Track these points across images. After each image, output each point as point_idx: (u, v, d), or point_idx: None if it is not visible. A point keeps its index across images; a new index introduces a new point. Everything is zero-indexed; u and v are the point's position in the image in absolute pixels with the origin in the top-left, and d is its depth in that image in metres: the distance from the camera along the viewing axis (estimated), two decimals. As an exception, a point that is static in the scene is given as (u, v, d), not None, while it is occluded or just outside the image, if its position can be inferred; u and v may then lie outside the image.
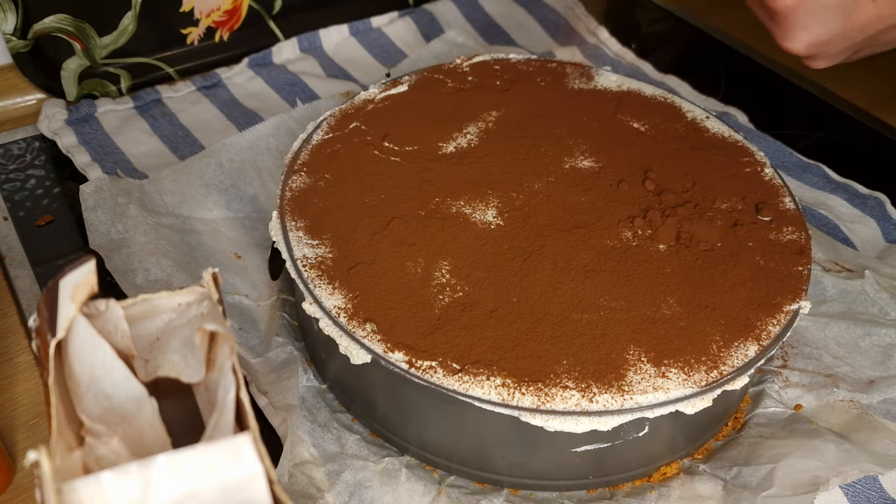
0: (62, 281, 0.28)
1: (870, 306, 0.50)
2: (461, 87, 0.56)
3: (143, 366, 0.30)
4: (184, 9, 0.66)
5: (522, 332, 0.40)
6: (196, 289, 0.31)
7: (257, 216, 0.55)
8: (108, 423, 0.28)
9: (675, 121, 0.54)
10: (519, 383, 0.38)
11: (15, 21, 0.60)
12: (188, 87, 0.66)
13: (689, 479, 0.42)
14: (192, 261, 0.51)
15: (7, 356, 0.47)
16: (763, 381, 0.47)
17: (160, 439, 0.28)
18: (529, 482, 0.42)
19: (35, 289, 0.51)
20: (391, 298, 0.41)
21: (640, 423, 0.39)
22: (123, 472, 0.23)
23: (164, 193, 0.55)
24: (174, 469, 0.23)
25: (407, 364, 0.38)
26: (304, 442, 0.42)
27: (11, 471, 0.42)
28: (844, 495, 0.42)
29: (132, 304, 0.31)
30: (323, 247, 0.44)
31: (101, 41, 0.64)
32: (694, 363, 0.39)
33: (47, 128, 0.61)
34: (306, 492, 0.40)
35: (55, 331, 0.27)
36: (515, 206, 0.47)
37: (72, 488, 0.23)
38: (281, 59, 0.70)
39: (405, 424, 0.42)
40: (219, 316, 0.30)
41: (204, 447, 0.24)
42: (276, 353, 0.46)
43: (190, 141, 0.62)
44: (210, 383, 0.30)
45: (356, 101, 0.54)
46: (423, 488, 0.41)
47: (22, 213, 0.56)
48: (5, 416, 0.44)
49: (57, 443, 0.25)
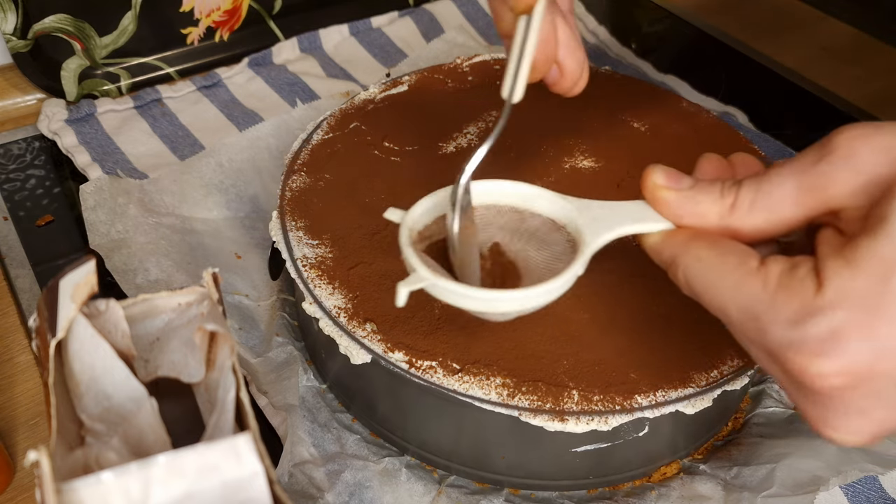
0: (62, 281, 0.28)
1: (870, 306, 0.50)
2: (461, 87, 0.56)
3: (143, 366, 0.30)
4: (184, 9, 0.66)
5: (522, 332, 0.40)
6: (196, 289, 0.31)
7: (257, 216, 0.55)
8: (108, 423, 0.28)
9: (675, 121, 0.54)
10: (519, 383, 0.38)
11: (15, 21, 0.60)
12: (188, 87, 0.66)
13: (689, 479, 0.42)
14: (192, 261, 0.51)
15: (7, 356, 0.47)
16: (763, 380, 0.47)
17: (160, 439, 0.28)
18: (529, 482, 0.42)
19: (35, 289, 0.51)
20: (391, 298, 0.41)
21: (640, 423, 0.39)
22: (123, 472, 0.23)
23: (164, 193, 0.55)
24: (174, 469, 0.23)
25: (407, 364, 0.38)
26: (304, 442, 0.42)
27: (11, 471, 0.42)
28: (844, 495, 0.42)
29: (132, 304, 0.31)
30: (323, 247, 0.44)
31: (101, 41, 0.64)
32: (694, 363, 0.39)
33: (47, 128, 0.61)
34: (306, 492, 0.40)
35: (55, 331, 0.27)
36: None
37: (72, 488, 0.23)
38: (281, 59, 0.70)
39: (405, 424, 0.42)
40: (219, 316, 0.30)
41: (204, 447, 0.24)
42: (276, 353, 0.46)
43: (190, 141, 0.62)
44: (210, 383, 0.30)
45: (356, 101, 0.54)
46: (423, 488, 0.41)
47: (22, 213, 0.56)
48: (5, 416, 0.44)
49: (57, 443, 0.25)
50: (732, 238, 0.31)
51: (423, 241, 0.35)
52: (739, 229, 0.31)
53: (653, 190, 0.33)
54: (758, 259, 0.30)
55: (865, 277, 0.27)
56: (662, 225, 0.33)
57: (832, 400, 0.29)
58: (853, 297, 0.27)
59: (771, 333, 0.29)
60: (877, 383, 0.28)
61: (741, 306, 0.30)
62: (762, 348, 0.30)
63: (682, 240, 0.32)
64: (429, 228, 0.35)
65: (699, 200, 0.32)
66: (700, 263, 0.31)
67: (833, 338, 0.27)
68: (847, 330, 0.27)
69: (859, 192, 0.29)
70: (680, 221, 0.33)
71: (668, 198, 0.32)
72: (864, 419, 0.29)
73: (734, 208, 0.31)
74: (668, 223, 0.33)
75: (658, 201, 0.33)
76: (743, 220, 0.31)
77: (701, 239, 0.32)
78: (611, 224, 0.34)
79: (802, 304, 0.28)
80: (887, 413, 0.29)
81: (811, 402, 0.30)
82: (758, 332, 0.29)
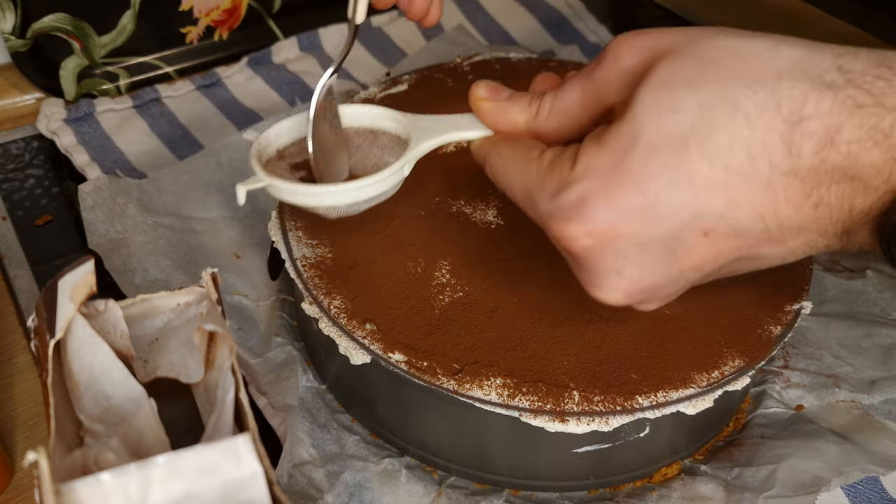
0: (61, 281, 0.28)
1: (871, 306, 0.50)
2: (461, 87, 0.56)
3: (143, 366, 0.30)
4: (183, 8, 0.66)
5: (522, 333, 0.40)
6: (195, 289, 0.31)
7: (257, 216, 0.55)
8: (107, 424, 0.28)
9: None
10: (519, 384, 0.38)
11: (14, 20, 0.60)
12: (187, 87, 0.66)
13: (690, 480, 0.42)
14: (192, 261, 0.51)
15: (6, 356, 0.47)
16: (764, 381, 0.47)
17: (159, 439, 0.28)
18: (530, 483, 0.42)
19: (34, 289, 0.51)
20: (391, 298, 0.41)
21: (641, 424, 0.38)
22: (122, 473, 0.23)
23: (163, 193, 0.55)
24: (173, 469, 0.23)
25: (407, 364, 0.38)
26: (304, 442, 0.42)
27: (10, 471, 0.42)
28: (846, 496, 0.41)
29: (131, 304, 0.30)
30: (322, 246, 0.44)
31: (100, 40, 0.64)
32: (695, 363, 0.39)
33: (46, 127, 0.61)
34: (306, 492, 0.40)
35: (54, 331, 0.27)
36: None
37: (71, 489, 0.22)
38: (280, 59, 0.69)
39: (405, 425, 0.42)
40: (218, 316, 0.30)
41: (203, 447, 0.24)
42: (275, 354, 0.46)
43: (189, 140, 0.62)
44: (209, 383, 0.30)
45: (356, 101, 0.54)
46: (423, 489, 0.41)
47: (20, 213, 0.56)
48: (4, 416, 0.44)
49: (56, 443, 0.25)
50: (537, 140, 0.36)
51: (283, 160, 0.40)
52: (542, 133, 0.36)
53: (475, 101, 0.38)
54: (540, 149, 0.35)
55: (609, 154, 0.31)
56: (482, 132, 0.38)
57: (588, 261, 0.33)
58: (597, 170, 0.32)
59: (539, 207, 0.34)
60: (620, 243, 0.32)
61: (522, 187, 0.35)
62: (539, 222, 0.35)
63: (492, 142, 0.38)
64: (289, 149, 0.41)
65: (510, 110, 0.37)
66: (500, 157, 0.37)
67: (579, 204, 0.32)
68: (590, 197, 0.32)
69: (622, 88, 0.33)
70: (496, 128, 0.38)
71: (486, 108, 0.38)
72: (619, 278, 0.33)
73: (537, 115, 0.36)
74: (488, 130, 0.38)
75: (479, 111, 0.38)
76: (543, 124, 0.36)
77: (505, 139, 0.37)
78: (435, 132, 0.39)
79: (560, 180, 0.33)
80: (639, 272, 0.33)
81: (578, 267, 0.34)
82: (533, 208, 0.35)
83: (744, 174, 0.29)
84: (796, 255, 0.32)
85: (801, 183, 0.29)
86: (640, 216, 0.31)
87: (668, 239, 0.31)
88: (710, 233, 0.31)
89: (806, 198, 0.30)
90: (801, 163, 0.29)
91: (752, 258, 0.33)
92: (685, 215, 0.31)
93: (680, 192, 0.30)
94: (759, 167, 0.29)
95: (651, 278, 0.33)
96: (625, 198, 0.31)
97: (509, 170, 0.36)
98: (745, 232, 0.31)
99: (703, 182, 0.30)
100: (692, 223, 0.31)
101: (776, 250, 0.32)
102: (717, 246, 0.32)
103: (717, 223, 0.31)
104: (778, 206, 0.30)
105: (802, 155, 0.29)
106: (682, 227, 0.31)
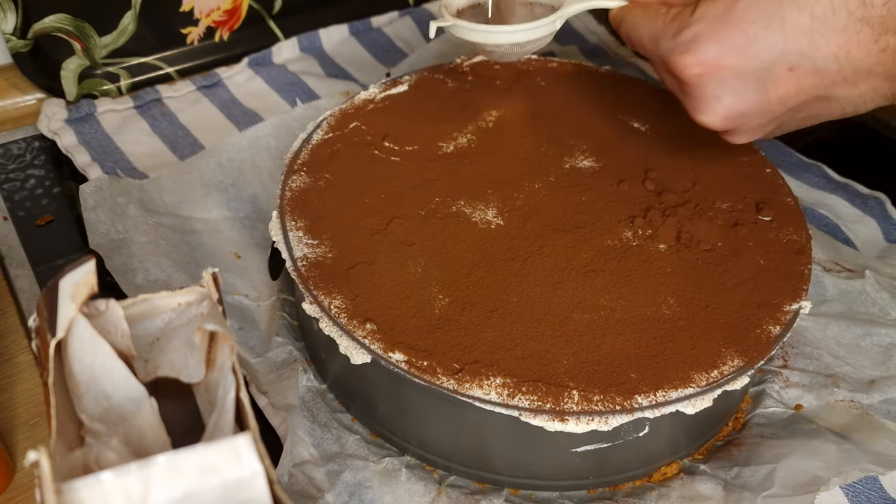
0: (62, 281, 0.28)
1: (870, 306, 0.50)
2: (461, 87, 0.56)
3: (143, 366, 0.30)
4: (184, 8, 0.66)
5: (522, 332, 0.40)
6: (196, 289, 0.31)
7: (257, 216, 0.55)
8: (107, 423, 0.28)
9: (675, 120, 0.54)
10: (519, 383, 0.38)
11: (15, 21, 0.60)
12: (188, 87, 0.66)
13: (689, 479, 0.42)
14: (192, 261, 0.51)
15: (7, 356, 0.47)
16: (763, 381, 0.47)
17: (160, 439, 0.28)
18: (529, 482, 0.42)
19: (35, 289, 0.51)
20: (391, 298, 0.41)
21: (641, 423, 0.39)
22: (123, 472, 0.23)
23: (164, 193, 0.55)
24: (174, 469, 0.23)
25: (407, 364, 0.38)
26: (304, 442, 0.42)
27: (11, 471, 0.42)
28: (845, 495, 0.41)
29: (132, 304, 0.31)
30: (323, 247, 0.44)
31: (101, 41, 0.64)
32: (694, 363, 0.39)
33: (47, 127, 0.61)
34: (306, 492, 0.40)
35: (55, 331, 0.27)
36: (516, 205, 0.47)
37: (72, 488, 0.23)
38: (281, 59, 0.70)
39: (405, 424, 0.42)
40: (219, 316, 0.30)
41: (204, 447, 0.24)
42: (276, 353, 0.46)
43: (190, 141, 0.62)
44: (210, 383, 0.30)
45: (356, 101, 0.54)
46: (423, 488, 0.41)
47: (22, 213, 0.56)
48: (5, 416, 0.44)
49: (56, 443, 0.25)
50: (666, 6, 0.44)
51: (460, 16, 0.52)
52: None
53: None
54: (667, 8, 0.43)
55: (721, 4, 0.40)
56: (620, 2, 0.47)
57: (696, 88, 0.41)
58: (710, 16, 0.40)
59: (661, 46, 0.43)
60: (723, 73, 0.40)
61: (650, 35, 0.44)
62: (660, 61, 0.43)
63: (627, 9, 0.46)
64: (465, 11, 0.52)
65: None
66: (633, 18, 0.45)
67: (694, 40, 0.41)
68: (703, 35, 0.40)
69: None
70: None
71: None
72: (719, 104, 0.41)
73: None
74: (624, 1, 0.47)
75: None
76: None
77: (638, 6, 0.46)
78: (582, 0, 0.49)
79: (680, 24, 0.42)
80: (735, 100, 0.41)
81: (686, 95, 0.43)
82: (657, 50, 0.43)
83: (825, 20, 0.38)
84: (865, 102, 0.40)
85: (870, 29, 0.37)
86: (741, 51, 0.39)
87: (761, 71, 0.39)
88: (795, 69, 0.39)
89: (874, 41, 0.37)
90: (872, 12, 0.37)
91: (828, 98, 0.40)
92: (776, 52, 0.39)
93: (773, 33, 0.39)
94: (838, 15, 0.37)
95: (744, 105, 0.41)
96: (729, 36, 0.39)
97: (640, 27, 0.44)
98: (822, 70, 0.39)
99: (792, 26, 0.38)
100: (781, 59, 0.39)
101: (848, 92, 0.40)
102: (800, 82, 0.39)
103: (800, 60, 0.39)
104: (851, 48, 0.38)
105: (874, 5, 0.37)
106: (773, 62, 0.39)
